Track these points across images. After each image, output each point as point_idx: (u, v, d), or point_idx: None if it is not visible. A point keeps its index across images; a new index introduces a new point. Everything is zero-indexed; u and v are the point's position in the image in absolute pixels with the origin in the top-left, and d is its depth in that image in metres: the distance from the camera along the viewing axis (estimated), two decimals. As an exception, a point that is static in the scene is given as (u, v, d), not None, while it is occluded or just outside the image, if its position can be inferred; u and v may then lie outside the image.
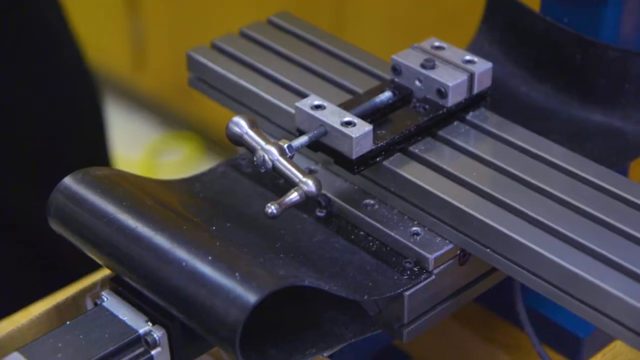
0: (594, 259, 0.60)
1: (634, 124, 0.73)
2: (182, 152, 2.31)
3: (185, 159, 2.29)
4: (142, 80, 2.30)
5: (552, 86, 0.78)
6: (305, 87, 0.76)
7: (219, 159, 2.22)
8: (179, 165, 2.28)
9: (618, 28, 0.75)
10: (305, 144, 0.67)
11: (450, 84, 0.70)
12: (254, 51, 0.80)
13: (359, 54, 0.79)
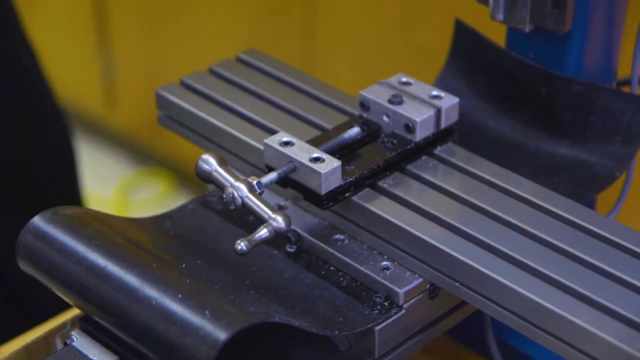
0: (563, 292, 0.61)
1: (600, 156, 0.74)
2: (155, 188, 2.30)
3: (159, 195, 2.28)
4: (113, 117, 2.30)
5: (519, 120, 0.79)
6: (274, 123, 0.76)
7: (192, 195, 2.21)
8: (152, 201, 2.27)
9: (582, 62, 0.76)
10: (274, 180, 0.68)
11: (418, 119, 0.71)
12: (223, 88, 0.80)
13: (327, 90, 0.80)
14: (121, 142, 2.35)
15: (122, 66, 2.22)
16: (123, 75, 2.23)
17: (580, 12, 0.74)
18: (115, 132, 2.33)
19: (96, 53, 2.23)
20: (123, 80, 2.24)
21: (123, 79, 2.23)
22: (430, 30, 1.49)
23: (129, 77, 2.22)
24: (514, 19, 0.76)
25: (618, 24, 0.77)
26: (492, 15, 0.77)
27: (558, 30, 0.75)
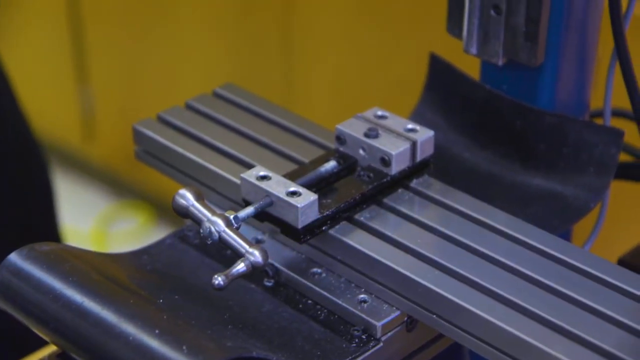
0: (539, 323, 0.61)
1: (574, 188, 0.75)
2: (134, 221, 2.30)
3: (138, 227, 2.28)
4: (92, 151, 2.29)
5: (494, 152, 0.80)
6: (251, 157, 0.76)
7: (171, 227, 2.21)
8: (131, 234, 2.27)
9: (555, 94, 0.77)
10: (251, 214, 0.68)
11: (394, 152, 0.71)
12: (200, 123, 0.81)
13: (303, 123, 0.80)
14: (100, 175, 2.35)
15: (100, 100, 2.22)
16: (101, 108, 2.23)
17: (552, 45, 0.75)
18: (94, 165, 2.33)
19: (74, 87, 2.23)
20: (101, 114, 2.24)
21: (101, 112, 2.23)
22: (406, 62, 1.51)
23: (107, 111, 2.22)
24: (487, 52, 0.77)
25: (590, 56, 0.78)
26: (466, 49, 0.78)
27: (531, 63, 0.75)
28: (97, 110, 2.24)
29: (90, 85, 2.22)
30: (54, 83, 2.29)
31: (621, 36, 0.73)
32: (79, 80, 2.22)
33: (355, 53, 1.68)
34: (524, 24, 0.74)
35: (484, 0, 0.76)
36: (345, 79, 1.72)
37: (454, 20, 0.79)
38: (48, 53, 2.26)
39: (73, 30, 2.16)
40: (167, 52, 2.01)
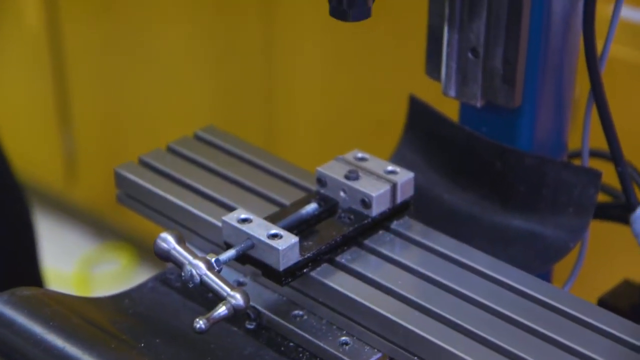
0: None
1: (553, 228, 0.75)
2: (117, 263, 2.29)
3: (121, 269, 2.27)
4: (74, 193, 2.29)
5: (474, 193, 0.80)
6: (232, 200, 0.77)
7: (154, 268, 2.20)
8: (114, 276, 2.26)
9: (533, 135, 0.78)
10: (232, 257, 0.68)
11: (374, 194, 0.72)
12: (181, 166, 0.81)
13: (284, 166, 0.81)
14: (82, 217, 2.35)
15: (82, 142, 2.22)
16: (83, 151, 2.23)
17: (529, 87, 0.76)
18: (76, 207, 2.33)
19: (57, 129, 2.23)
20: (83, 156, 2.24)
21: (83, 154, 2.24)
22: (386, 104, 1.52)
23: (90, 153, 2.22)
24: (465, 94, 0.78)
25: (567, 97, 0.79)
26: (445, 92, 0.79)
27: (509, 105, 0.76)
28: (79, 152, 2.24)
29: (72, 128, 2.22)
30: (37, 125, 2.29)
31: (597, 78, 0.74)
32: (61, 122, 2.22)
33: (336, 95, 1.70)
34: (501, 66, 0.75)
35: (461, 43, 0.77)
36: (326, 120, 1.73)
37: (433, 63, 0.80)
38: (31, 95, 2.27)
39: (56, 73, 2.16)
40: (149, 94, 2.02)
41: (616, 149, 0.75)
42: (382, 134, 1.22)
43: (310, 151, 1.74)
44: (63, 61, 2.14)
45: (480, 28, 0.75)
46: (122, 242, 2.28)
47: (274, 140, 1.82)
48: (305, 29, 1.68)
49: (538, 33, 0.75)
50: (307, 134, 1.77)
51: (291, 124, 1.79)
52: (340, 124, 1.70)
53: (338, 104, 1.70)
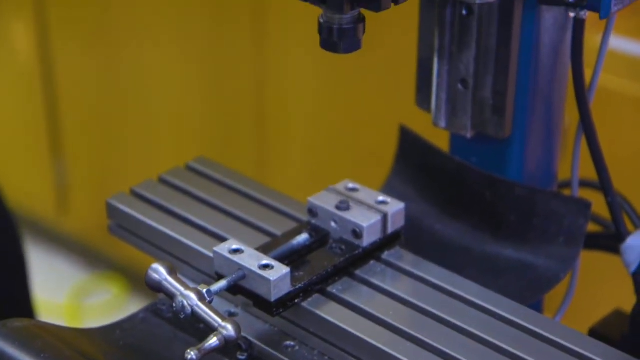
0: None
1: (544, 258, 0.75)
2: (109, 292, 2.28)
3: (112, 299, 2.26)
4: (66, 223, 2.29)
5: (464, 223, 0.81)
6: (224, 231, 0.77)
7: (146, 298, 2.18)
8: (106, 306, 2.25)
9: (523, 165, 0.78)
10: (224, 288, 0.68)
11: (365, 224, 0.72)
12: (173, 197, 0.81)
13: (276, 196, 0.81)
14: (74, 247, 2.34)
15: (74, 172, 2.22)
16: (75, 181, 2.23)
17: (519, 117, 0.77)
18: (68, 237, 2.32)
19: (49, 159, 2.23)
20: (75, 187, 2.24)
21: (75, 185, 2.23)
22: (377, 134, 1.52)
23: (81, 184, 2.22)
24: (455, 125, 0.78)
25: (556, 128, 0.80)
26: (435, 122, 0.79)
27: (499, 136, 0.77)
28: (71, 182, 2.24)
29: (64, 158, 2.22)
30: (29, 155, 2.29)
31: (586, 109, 0.74)
32: (53, 152, 2.22)
33: (327, 124, 1.70)
34: (491, 97, 0.76)
35: (451, 74, 0.77)
36: (317, 150, 1.73)
37: (423, 94, 0.81)
38: (23, 124, 2.27)
39: (48, 102, 2.17)
40: (141, 125, 2.02)
41: (606, 179, 0.75)
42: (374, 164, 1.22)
43: (301, 181, 1.74)
44: (55, 91, 2.15)
45: (470, 59, 0.76)
46: (114, 272, 2.28)
47: (266, 170, 1.83)
48: (297, 59, 1.69)
49: (527, 64, 0.75)
50: (299, 163, 1.78)
51: (283, 154, 1.80)
52: (332, 154, 1.71)
53: (329, 133, 1.71)
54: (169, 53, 1.89)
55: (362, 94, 1.63)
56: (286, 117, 1.76)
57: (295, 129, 1.76)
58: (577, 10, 0.71)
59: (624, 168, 1.28)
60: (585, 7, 0.70)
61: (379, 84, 1.59)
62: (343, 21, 0.66)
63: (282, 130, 1.78)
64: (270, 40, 1.71)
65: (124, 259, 2.16)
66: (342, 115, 1.67)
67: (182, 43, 1.86)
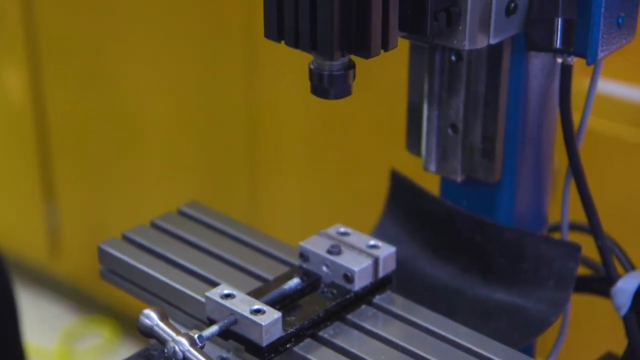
0: None
1: (535, 301, 0.76)
2: (100, 336, 2.27)
3: (103, 343, 2.25)
4: (57, 266, 2.28)
5: (455, 266, 0.81)
6: (215, 276, 0.77)
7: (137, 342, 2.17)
8: (97, 350, 2.24)
9: (513, 209, 0.79)
10: (215, 333, 0.68)
11: (356, 269, 0.72)
12: (165, 242, 0.81)
13: (267, 241, 0.81)
14: (65, 290, 2.34)
15: (66, 216, 2.23)
16: (67, 225, 2.23)
17: (508, 162, 0.77)
18: (59, 281, 2.32)
19: (41, 203, 2.24)
20: (67, 230, 2.24)
21: (67, 228, 2.23)
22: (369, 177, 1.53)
23: (73, 227, 2.22)
24: (445, 169, 0.79)
25: (546, 171, 0.81)
26: (425, 167, 0.80)
27: (488, 180, 0.77)
28: (62, 226, 2.24)
29: (56, 202, 2.22)
30: (21, 199, 2.29)
31: (575, 153, 0.75)
32: (45, 197, 2.23)
33: (319, 169, 1.71)
34: (480, 142, 0.77)
35: (441, 119, 0.78)
36: (310, 193, 1.74)
37: (413, 138, 0.81)
38: (15, 169, 2.27)
39: (40, 147, 2.17)
40: (133, 170, 2.03)
41: (595, 222, 0.76)
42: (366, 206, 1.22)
43: (294, 224, 1.75)
44: (47, 134, 2.16)
45: (459, 104, 0.77)
46: (105, 316, 2.27)
47: (258, 214, 1.83)
48: (289, 103, 1.70)
49: (516, 109, 0.76)
50: (291, 206, 1.78)
51: (275, 198, 1.80)
52: (324, 196, 1.71)
53: (322, 176, 1.71)
54: (161, 96, 1.90)
55: (353, 138, 1.64)
56: (278, 160, 1.77)
57: (288, 172, 1.76)
58: (564, 56, 0.72)
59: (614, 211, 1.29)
60: (573, 53, 0.71)
61: (370, 127, 1.60)
62: (333, 68, 0.66)
63: (274, 173, 1.79)
64: (262, 82, 1.72)
65: (115, 303, 2.15)
66: (334, 157, 1.68)
67: (174, 86, 1.87)
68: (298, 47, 0.66)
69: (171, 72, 1.86)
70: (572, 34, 0.70)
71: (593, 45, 0.70)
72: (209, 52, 1.79)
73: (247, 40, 1.70)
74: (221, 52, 1.76)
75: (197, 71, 1.82)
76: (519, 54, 0.75)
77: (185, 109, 1.87)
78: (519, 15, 0.70)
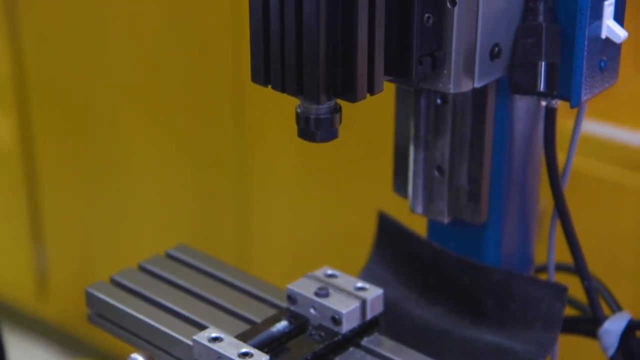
0: None
1: (523, 342, 0.76)
2: (87, 379, 2.26)
3: (91, 387, 2.24)
4: (45, 310, 2.27)
5: (443, 307, 0.81)
6: (203, 319, 0.77)
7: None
8: (84, 394, 2.22)
9: (499, 250, 0.79)
10: (203, 377, 0.68)
11: (344, 311, 0.72)
12: (153, 285, 0.81)
13: (255, 283, 0.81)
14: (53, 334, 2.32)
15: (54, 259, 2.22)
16: (55, 268, 2.22)
17: (494, 203, 0.78)
18: (47, 324, 2.31)
19: (29, 246, 2.23)
20: (55, 274, 2.23)
21: (55, 272, 2.23)
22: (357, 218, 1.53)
23: (62, 271, 2.21)
24: (432, 211, 0.79)
25: (532, 213, 0.81)
26: (412, 209, 0.80)
27: (475, 222, 0.78)
28: (50, 269, 2.23)
29: (44, 245, 2.22)
30: (9, 242, 2.28)
31: (560, 194, 0.76)
32: (33, 239, 2.22)
33: (309, 209, 1.71)
34: (466, 184, 0.77)
35: (427, 162, 0.79)
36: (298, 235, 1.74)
37: (400, 180, 0.82)
38: (3, 212, 2.27)
39: (29, 191, 2.17)
40: (122, 212, 2.03)
41: (581, 263, 0.76)
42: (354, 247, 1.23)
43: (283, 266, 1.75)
44: (36, 180, 2.16)
45: (445, 147, 0.77)
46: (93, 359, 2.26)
47: (247, 255, 1.83)
48: (277, 146, 1.70)
49: (501, 151, 0.77)
50: (280, 248, 1.78)
51: (264, 238, 1.80)
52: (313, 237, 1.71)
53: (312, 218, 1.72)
54: (149, 140, 1.91)
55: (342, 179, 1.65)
56: (268, 202, 1.77)
57: (277, 215, 1.77)
58: (548, 99, 0.73)
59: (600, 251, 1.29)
60: (556, 97, 0.72)
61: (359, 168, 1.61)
62: (320, 111, 0.67)
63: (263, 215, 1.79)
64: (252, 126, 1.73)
65: (103, 347, 2.14)
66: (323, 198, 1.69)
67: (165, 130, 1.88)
68: (284, 91, 0.67)
69: (160, 115, 1.87)
70: (555, 78, 0.71)
71: (576, 89, 0.71)
72: (198, 95, 1.80)
73: (235, 85, 1.71)
74: (210, 95, 1.77)
75: (186, 114, 1.83)
76: (504, 97, 0.76)
77: (174, 151, 1.88)
78: (503, 59, 0.71)
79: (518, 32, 0.71)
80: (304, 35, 0.64)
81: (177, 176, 1.89)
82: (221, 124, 1.78)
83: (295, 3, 0.63)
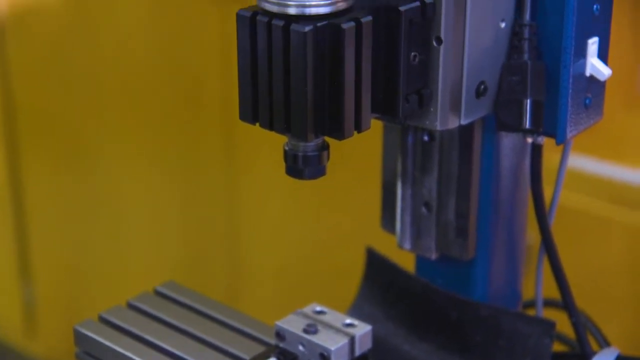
0: None
1: (511, 378, 0.76)
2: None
3: None
4: (33, 347, 2.26)
5: (431, 343, 0.81)
6: (192, 356, 0.77)
7: None
8: None
9: (487, 286, 0.80)
10: (192, 415, 0.68)
11: (332, 348, 0.72)
12: (141, 322, 0.81)
13: (244, 320, 0.81)
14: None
15: (42, 295, 2.21)
16: (43, 304, 2.22)
17: (482, 239, 0.78)
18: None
19: (17, 282, 2.22)
20: (43, 309, 2.22)
21: (43, 308, 2.22)
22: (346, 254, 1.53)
23: (50, 306, 2.20)
24: (420, 247, 0.80)
25: (519, 248, 0.82)
26: (400, 245, 0.81)
27: (462, 257, 0.78)
28: (38, 306, 2.22)
29: (32, 281, 2.21)
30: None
31: (547, 230, 0.76)
32: (21, 276, 2.21)
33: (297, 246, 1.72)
34: (454, 220, 0.78)
35: (415, 198, 0.79)
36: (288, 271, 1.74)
37: (388, 216, 0.82)
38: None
39: (17, 227, 2.17)
40: (111, 249, 2.02)
41: (569, 299, 0.77)
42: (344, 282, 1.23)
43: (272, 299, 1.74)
44: (24, 216, 2.15)
45: (432, 183, 0.78)
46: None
47: (236, 291, 1.83)
48: (266, 183, 1.71)
49: (488, 187, 0.77)
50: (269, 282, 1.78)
51: (253, 275, 1.80)
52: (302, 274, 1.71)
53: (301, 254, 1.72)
54: (138, 179, 1.91)
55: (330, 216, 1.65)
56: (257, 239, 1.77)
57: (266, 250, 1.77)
58: (534, 136, 0.73)
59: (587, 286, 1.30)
60: (542, 134, 0.73)
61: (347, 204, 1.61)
62: (307, 149, 0.68)
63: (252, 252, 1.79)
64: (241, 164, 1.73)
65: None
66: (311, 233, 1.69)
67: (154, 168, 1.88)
68: (272, 129, 0.67)
69: (150, 152, 1.88)
70: (541, 115, 0.71)
71: (562, 126, 0.71)
72: (187, 132, 1.80)
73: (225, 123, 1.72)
74: (200, 132, 1.78)
75: (175, 153, 1.84)
76: (490, 134, 0.76)
77: (163, 188, 1.88)
78: (489, 96, 0.72)
79: (503, 70, 0.71)
80: (291, 75, 0.64)
81: (166, 212, 1.89)
82: (211, 162, 1.78)
83: (282, 45, 0.64)
